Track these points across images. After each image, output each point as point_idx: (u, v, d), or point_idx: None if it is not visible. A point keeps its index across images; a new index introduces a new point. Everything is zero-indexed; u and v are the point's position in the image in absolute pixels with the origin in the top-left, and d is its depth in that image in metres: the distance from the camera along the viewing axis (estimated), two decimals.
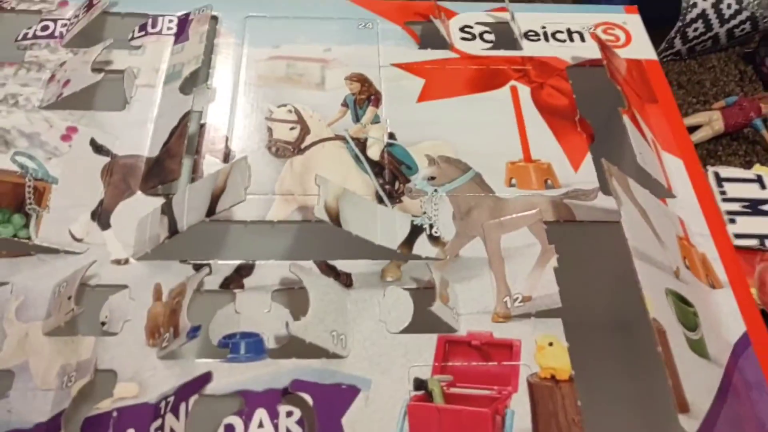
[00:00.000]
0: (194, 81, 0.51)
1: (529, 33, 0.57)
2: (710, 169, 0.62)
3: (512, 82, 0.53)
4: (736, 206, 0.60)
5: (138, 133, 0.48)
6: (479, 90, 0.53)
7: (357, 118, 0.50)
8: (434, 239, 0.44)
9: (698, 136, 0.65)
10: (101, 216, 0.44)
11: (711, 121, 0.66)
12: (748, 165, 0.66)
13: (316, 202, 0.41)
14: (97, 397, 0.36)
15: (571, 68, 0.54)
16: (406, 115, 0.50)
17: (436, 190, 0.46)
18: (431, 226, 0.44)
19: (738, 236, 0.58)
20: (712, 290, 0.42)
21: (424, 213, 0.45)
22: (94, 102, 0.49)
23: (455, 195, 0.46)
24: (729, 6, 0.72)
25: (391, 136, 0.49)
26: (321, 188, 0.41)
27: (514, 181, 0.47)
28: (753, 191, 0.62)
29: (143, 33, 0.54)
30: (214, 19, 0.56)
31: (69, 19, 0.54)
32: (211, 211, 0.39)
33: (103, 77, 0.49)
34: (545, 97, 0.52)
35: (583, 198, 0.46)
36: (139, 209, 0.44)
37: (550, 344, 0.39)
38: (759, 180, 0.62)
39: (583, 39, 0.57)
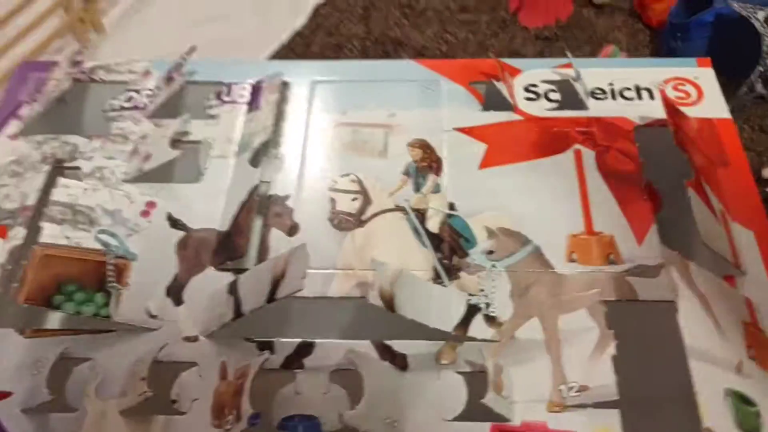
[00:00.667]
0: (264, 151, 0.53)
1: (596, 91, 0.56)
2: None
3: (576, 146, 0.52)
4: None
5: (210, 206, 0.50)
6: (542, 154, 0.52)
7: (418, 188, 0.51)
8: (490, 319, 0.44)
9: None
10: (174, 291, 0.46)
11: None
12: None
13: (371, 287, 0.42)
14: None
15: (639, 129, 0.53)
16: (467, 183, 0.51)
17: (494, 265, 0.46)
18: (488, 305, 0.44)
19: None
20: None
21: (482, 290, 0.45)
22: (172, 174, 0.52)
23: (514, 271, 0.46)
24: None
25: (451, 206, 0.50)
26: (377, 273, 0.42)
27: (575, 255, 0.47)
28: None
29: (218, 101, 0.57)
30: (285, 84, 0.58)
31: (151, 90, 0.58)
32: (271, 297, 0.41)
33: (181, 152, 0.52)
34: (610, 162, 0.51)
35: (646, 275, 0.45)
36: (210, 284, 0.47)
37: None
38: None
39: (652, 96, 0.55)
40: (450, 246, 0.48)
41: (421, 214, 0.50)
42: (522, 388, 0.41)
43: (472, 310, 0.45)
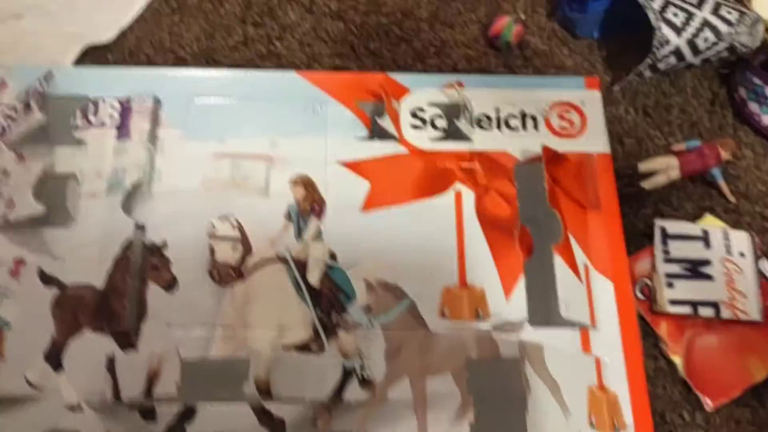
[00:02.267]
0: (137, 191, 0.51)
1: (482, 119, 0.56)
2: (657, 224, 0.63)
3: (457, 185, 0.53)
4: (677, 268, 0.62)
5: (84, 255, 0.49)
6: (424, 194, 0.53)
7: (300, 232, 0.51)
8: (364, 382, 0.47)
9: (652, 182, 0.65)
10: (52, 356, 0.47)
11: (668, 169, 0.65)
12: (700, 211, 0.66)
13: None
14: None
15: (520, 167, 0.54)
16: (348, 228, 0.52)
17: (371, 322, 0.49)
18: (362, 367, 0.47)
19: (673, 302, 0.60)
20: None
21: (359, 351, 0.48)
22: (40, 220, 0.50)
23: (388, 331, 0.49)
24: (706, 39, 0.68)
25: (332, 256, 0.51)
26: (251, 364, 0.44)
27: (446, 310, 0.50)
28: (697, 251, 0.63)
29: (85, 121, 0.54)
30: (157, 102, 0.55)
31: (9, 109, 0.53)
32: (147, 392, 0.42)
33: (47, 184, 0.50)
34: (488, 205, 0.53)
35: (509, 330, 0.49)
36: (89, 348, 0.47)
37: None
38: (704, 238, 0.63)
39: (536, 126, 0.56)
40: (329, 301, 0.50)
41: (302, 265, 0.50)
42: None
43: (347, 374, 0.47)
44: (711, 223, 0.64)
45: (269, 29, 0.67)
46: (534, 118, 0.56)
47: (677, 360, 0.57)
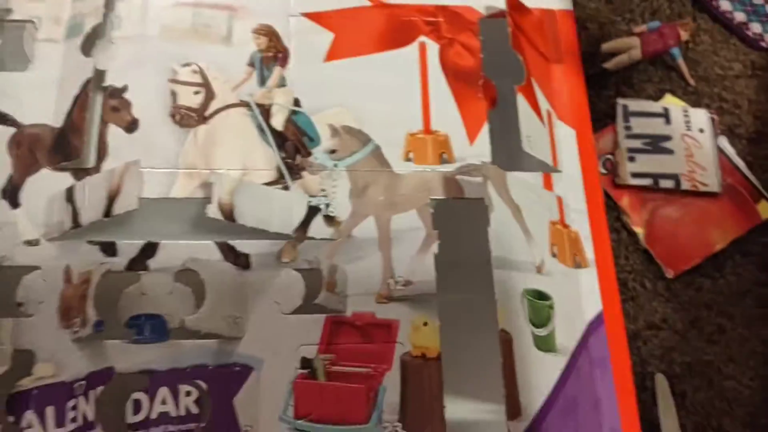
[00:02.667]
0: (97, 36, 0.50)
1: None
2: (619, 102, 0.64)
3: (422, 38, 0.53)
4: (638, 143, 0.63)
5: (42, 97, 0.48)
6: (388, 46, 0.53)
7: (263, 81, 0.51)
8: (329, 219, 0.47)
9: (614, 62, 0.65)
10: (10, 193, 0.45)
11: (630, 48, 0.66)
12: (660, 93, 0.68)
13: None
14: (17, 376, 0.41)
15: (484, 21, 0.54)
16: (312, 77, 0.51)
17: (336, 165, 0.49)
18: (327, 206, 0.47)
19: (634, 175, 0.61)
20: (578, 270, 0.47)
21: (323, 190, 0.48)
22: None
23: (354, 170, 0.48)
24: None
25: (296, 102, 0.50)
26: (215, 185, 0.43)
27: (411, 155, 0.50)
28: (657, 127, 0.64)
29: None
30: None
31: None
32: (107, 212, 0.42)
33: (4, 30, 0.48)
34: (452, 57, 0.53)
35: (474, 174, 0.49)
36: (48, 185, 0.46)
37: (425, 324, 0.45)
38: (665, 114, 0.65)
39: None
40: (294, 145, 0.49)
41: (265, 110, 0.50)
42: (354, 283, 0.46)
43: (312, 211, 0.47)
44: (671, 101, 0.65)
45: None
46: None
47: (639, 231, 0.58)
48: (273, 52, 0.51)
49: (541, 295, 0.44)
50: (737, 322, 0.59)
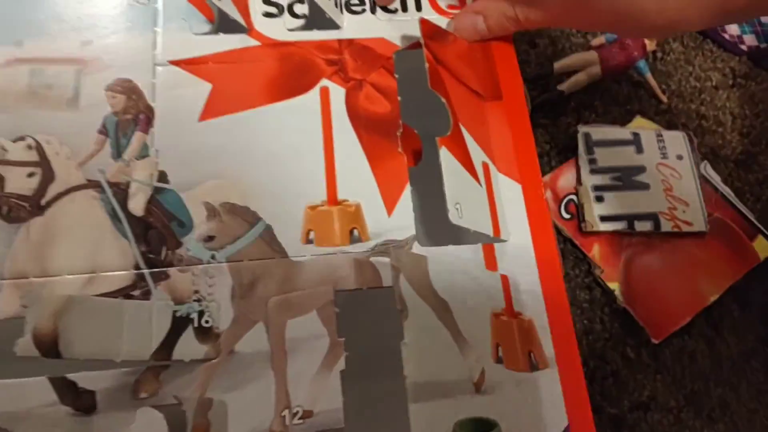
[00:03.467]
0: None
1: (353, 2, 0.45)
2: (580, 130, 0.53)
3: (323, 82, 0.42)
4: (606, 179, 0.52)
5: None
6: (282, 95, 0.42)
7: (119, 152, 0.39)
8: (204, 332, 0.36)
9: (570, 83, 0.55)
10: None
11: (587, 65, 0.55)
12: (628, 115, 0.57)
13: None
14: None
15: (400, 54, 0.43)
16: (183, 142, 0.40)
17: (213, 256, 0.37)
18: (201, 314, 0.36)
19: (604, 218, 0.51)
20: (535, 375, 0.36)
21: (196, 292, 0.36)
22: None
23: (237, 262, 0.37)
24: None
25: (162, 177, 0.39)
26: (29, 311, 0.32)
27: (312, 234, 0.38)
28: (627, 157, 0.54)
29: None
30: None
31: None
32: None
33: None
34: (362, 103, 0.42)
35: (394, 251, 0.38)
36: None
37: None
38: (635, 141, 0.54)
39: (419, 6, 0.45)
40: (158, 233, 0.38)
41: (122, 191, 0.39)
42: (237, 420, 0.34)
43: (180, 323, 0.36)
44: (642, 125, 0.54)
45: None
46: None
47: (615, 287, 0.48)
48: (132, 114, 0.40)
49: (483, 425, 0.33)
50: (742, 392, 0.48)
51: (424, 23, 0.40)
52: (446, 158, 0.37)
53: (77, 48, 0.42)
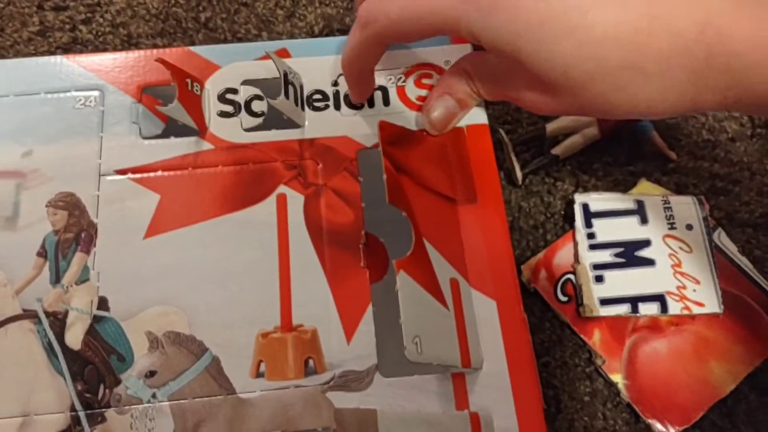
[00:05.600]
0: None
1: (315, 96, 0.41)
2: (577, 200, 0.48)
3: (281, 188, 0.39)
4: (606, 255, 0.47)
5: None
6: (236, 205, 0.38)
7: (58, 276, 0.36)
8: None
9: (565, 147, 0.50)
10: None
11: (583, 126, 0.51)
12: (631, 177, 0.52)
13: None
14: None
15: (364, 154, 0.40)
16: (125, 263, 0.37)
17: (154, 395, 0.34)
18: None
19: (605, 301, 0.46)
20: None
21: None
22: None
23: (180, 401, 0.34)
24: None
25: (102, 303, 0.36)
26: None
27: (263, 366, 0.35)
28: (630, 229, 0.49)
29: None
30: None
31: None
32: None
33: None
34: (323, 211, 0.38)
35: (354, 386, 0.34)
36: None
37: None
38: (639, 210, 0.49)
39: (387, 101, 0.41)
40: (96, 369, 0.35)
41: (59, 321, 0.36)
42: None
43: None
44: (646, 190, 0.49)
45: (73, 12, 0.52)
46: (384, 90, 0.42)
47: (618, 379, 0.43)
48: (74, 232, 0.37)
49: None
50: None
51: (384, 127, 0.37)
52: (405, 284, 0.33)
53: (17, 158, 0.39)
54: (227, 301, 0.36)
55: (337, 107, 0.41)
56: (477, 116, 0.41)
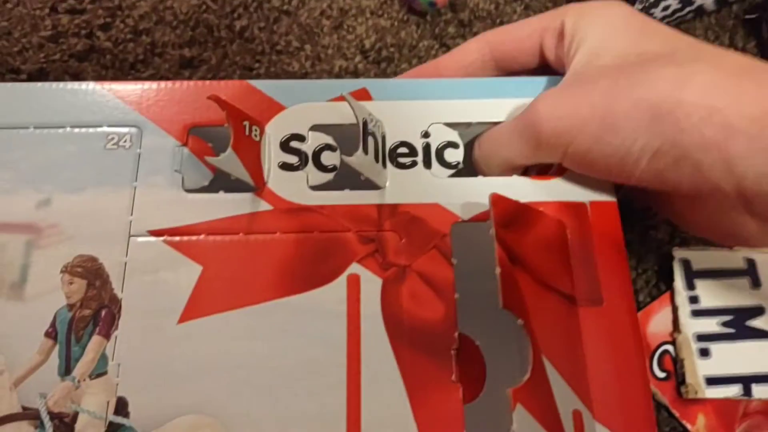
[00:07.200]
0: None
1: (399, 150, 0.33)
2: (677, 256, 0.40)
3: (353, 267, 0.30)
4: (713, 324, 0.40)
5: None
6: (295, 287, 0.30)
7: (68, 365, 0.29)
8: None
9: None
10: None
11: None
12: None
13: None
14: None
15: (459, 228, 0.31)
16: (154, 355, 0.29)
17: None
18: None
19: (711, 381, 0.38)
20: None
21: None
22: None
23: None
24: None
25: (121, 406, 0.28)
26: None
27: None
28: (741, 293, 0.41)
29: None
30: None
31: None
32: None
33: None
34: (405, 302, 0.30)
35: None
36: None
37: None
38: (750, 271, 0.41)
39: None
40: None
41: (66, 426, 0.28)
42: None
43: None
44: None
45: (91, 16, 0.44)
46: None
47: None
48: (92, 309, 0.29)
49: None
50: None
51: (497, 202, 0.28)
52: (521, 421, 0.24)
53: (31, 210, 0.31)
54: (278, 415, 0.28)
55: (428, 165, 0.33)
56: (602, 189, 0.32)
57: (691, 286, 0.40)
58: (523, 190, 0.32)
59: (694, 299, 0.40)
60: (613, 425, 0.28)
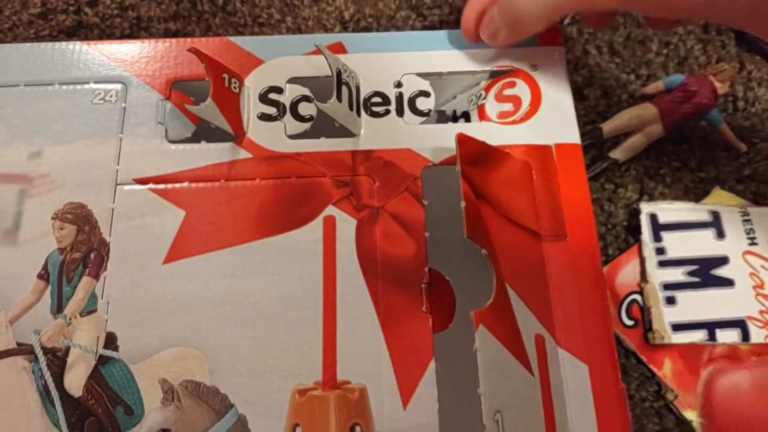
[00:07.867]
0: None
1: (374, 99, 0.34)
2: (644, 209, 0.41)
3: (329, 209, 0.32)
4: (678, 273, 0.41)
5: None
6: (274, 228, 0.32)
7: (60, 304, 0.30)
8: None
9: (625, 149, 0.43)
10: None
11: (645, 123, 0.43)
12: (703, 184, 0.45)
13: None
14: None
15: (429, 171, 0.33)
16: (141, 293, 0.31)
17: None
18: None
19: (677, 327, 0.39)
20: None
21: None
22: None
23: None
24: None
25: (110, 340, 0.30)
26: None
27: (299, 429, 0.28)
28: (705, 243, 0.42)
29: None
30: None
31: None
32: None
33: None
34: (379, 241, 0.31)
35: None
36: None
37: None
38: (715, 223, 0.42)
39: (468, 116, 0.34)
40: (99, 424, 0.28)
41: (59, 359, 0.30)
42: None
43: None
44: (722, 199, 0.42)
45: None
46: (465, 115, 0.35)
47: (693, 417, 0.37)
48: (82, 252, 0.31)
49: None
50: None
51: (463, 141, 0.30)
52: (486, 343, 0.26)
53: (23, 161, 0.33)
54: (258, 347, 0.29)
55: (400, 113, 0.34)
56: (567, 133, 0.33)
57: (657, 238, 0.41)
58: (490, 134, 0.33)
59: (660, 250, 0.41)
60: (575, 350, 0.29)
